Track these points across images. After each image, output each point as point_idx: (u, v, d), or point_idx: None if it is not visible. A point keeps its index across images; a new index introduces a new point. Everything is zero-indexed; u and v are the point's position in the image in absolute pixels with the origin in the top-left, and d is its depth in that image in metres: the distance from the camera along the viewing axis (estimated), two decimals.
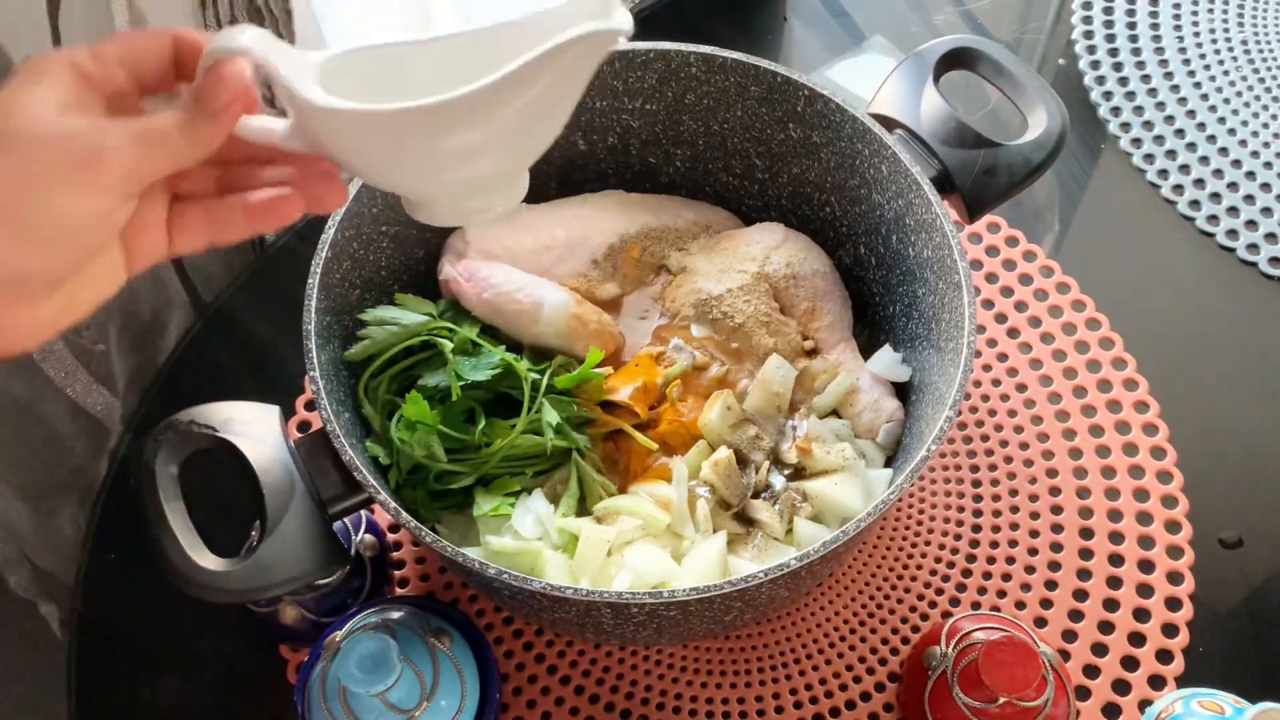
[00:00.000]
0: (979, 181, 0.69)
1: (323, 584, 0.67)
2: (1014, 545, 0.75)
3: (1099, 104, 0.97)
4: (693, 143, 0.78)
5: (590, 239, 0.75)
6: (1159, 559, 0.75)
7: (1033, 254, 0.88)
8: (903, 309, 0.72)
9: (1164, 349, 0.83)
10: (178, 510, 0.57)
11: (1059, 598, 0.73)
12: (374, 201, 0.68)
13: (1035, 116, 0.71)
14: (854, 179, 0.73)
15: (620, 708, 0.70)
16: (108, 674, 0.73)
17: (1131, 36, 1.02)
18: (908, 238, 0.69)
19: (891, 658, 0.72)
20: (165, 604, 0.71)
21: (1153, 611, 0.73)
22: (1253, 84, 0.98)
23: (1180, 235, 0.90)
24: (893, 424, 0.71)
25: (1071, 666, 0.71)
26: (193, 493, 0.58)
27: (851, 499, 0.67)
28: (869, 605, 0.73)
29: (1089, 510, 0.77)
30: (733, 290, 0.72)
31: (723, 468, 0.67)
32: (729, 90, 0.73)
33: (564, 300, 0.70)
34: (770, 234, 0.76)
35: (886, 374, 0.73)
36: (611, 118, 0.76)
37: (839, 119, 0.70)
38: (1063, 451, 0.79)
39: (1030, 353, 0.83)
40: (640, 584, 0.62)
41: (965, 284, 0.62)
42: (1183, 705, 0.64)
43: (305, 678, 0.62)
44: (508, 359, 0.67)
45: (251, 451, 0.58)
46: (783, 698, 0.70)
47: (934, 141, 0.70)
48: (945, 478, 0.78)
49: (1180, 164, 0.94)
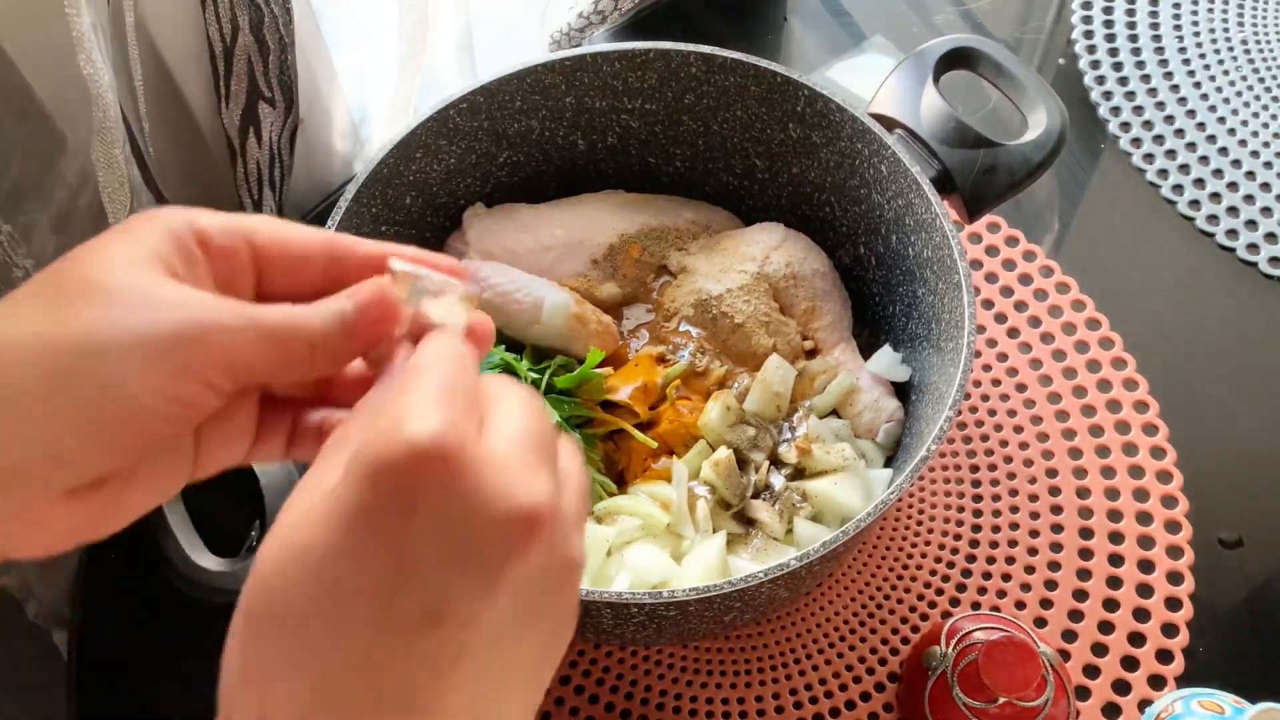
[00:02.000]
0: (979, 181, 0.69)
1: None
2: (1014, 545, 0.75)
3: (1099, 104, 0.97)
4: (692, 143, 0.78)
5: (590, 239, 0.75)
6: (1159, 559, 0.75)
7: (1032, 254, 0.88)
8: (902, 309, 0.72)
9: (1164, 349, 0.83)
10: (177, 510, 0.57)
11: (1059, 598, 0.73)
12: (373, 202, 0.68)
13: (1035, 116, 0.71)
14: (854, 179, 0.73)
15: (620, 708, 0.70)
16: (107, 674, 0.73)
17: (1131, 36, 1.02)
18: (907, 237, 0.69)
19: (891, 658, 0.72)
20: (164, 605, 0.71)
21: (1153, 611, 0.73)
22: (1253, 84, 0.98)
23: (1180, 235, 0.90)
24: (893, 424, 0.71)
25: (1071, 666, 0.71)
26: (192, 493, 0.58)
27: (851, 499, 0.67)
28: (869, 605, 0.73)
29: (1089, 510, 0.77)
30: (732, 290, 0.72)
31: (723, 468, 0.67)
32: (729, 90, 0.73)
33: (564, 300, 0.70)
34: (770, 234, 0.76)
35: (886, 374, 0.73)
36: (611, 118, 0.76)
37: (839, 119, 0.70)
38: (1062, 451, 0.79)
39: (1030, 352, 0.83)
40: (640, 584, 0.62)
41: (965, 284, 0.62)
42: (1183, 705, 0.64)
43: None
44: (508, 359, 0.67)
45: None
46: (783, 698, 0.70)
47: (934, 141, 0.70)
48: (945, 478, 0.78)
49: (1180, 164, 0.94)
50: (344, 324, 0.32)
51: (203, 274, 0.32)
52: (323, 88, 0.88)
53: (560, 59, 0.71)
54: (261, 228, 0.34)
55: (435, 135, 0.70)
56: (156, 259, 0.31)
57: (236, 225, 0.33)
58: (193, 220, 0.32)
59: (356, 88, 0.98)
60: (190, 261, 0.32)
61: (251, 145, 0.80)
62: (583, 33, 0.96)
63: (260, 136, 0.80)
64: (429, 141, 0.70)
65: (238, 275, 0.34)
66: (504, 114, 0.73)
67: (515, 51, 1.10)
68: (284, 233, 0.34)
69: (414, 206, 0.72)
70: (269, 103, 0.79)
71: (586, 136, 0.77)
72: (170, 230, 0.32)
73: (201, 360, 0.30)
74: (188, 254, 0.32)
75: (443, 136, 0.71)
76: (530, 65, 0.71)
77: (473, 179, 0.76)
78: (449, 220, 0.76)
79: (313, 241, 0.34)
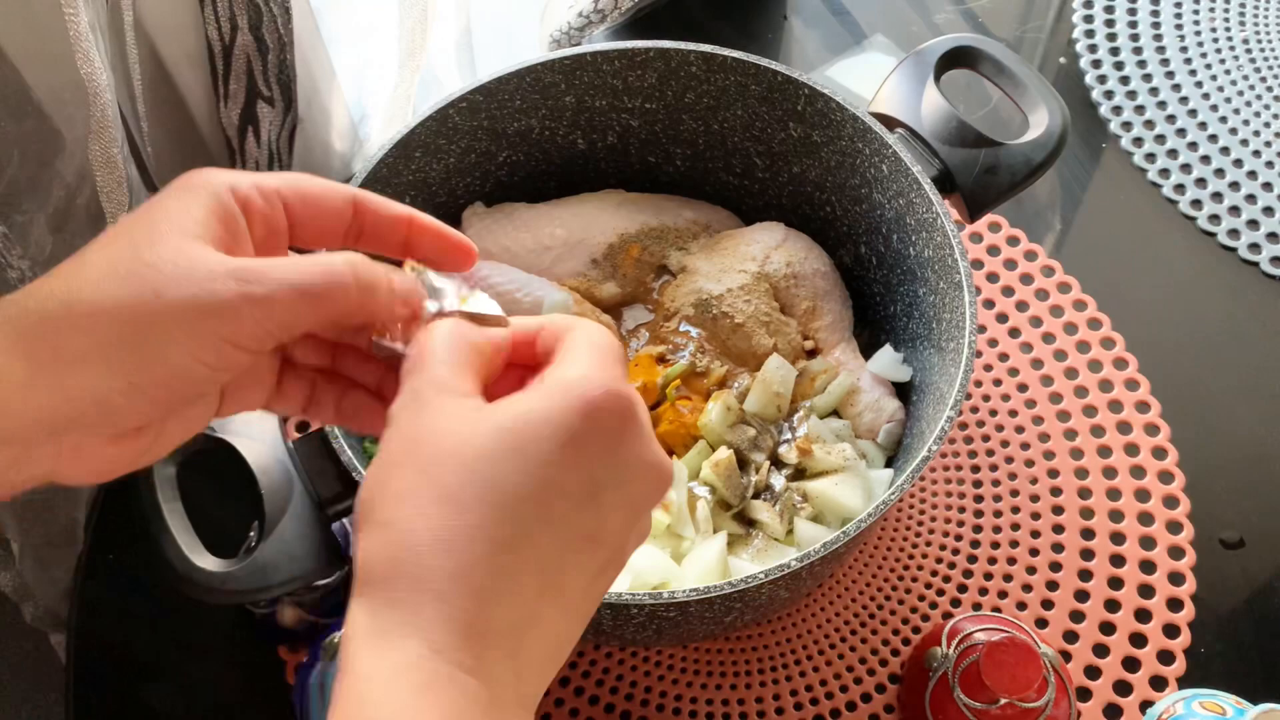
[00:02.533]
0: (980, 181, 0.69)
1: (322, 585, 0.67)
2: (1015, 546, 0.75)
3: (1100, 103, 0.97)
4: (693, 142, 0.78)
5: (590, 238, 0.75)
6: (1160, 559, 0.75)
7: (1034, 253, 0.87)
8: (903, 309, 0.72)
9: (1166, 349, 0.83)
10: (176, 511, 0.57)
11: (1060, 598, 0.73)
12: None
13: (1036, 116, 0.71)
14: (854, 178, 0.72)
15: (620, 709, 0.70)
16: (106, 675, 0.73)
17: (1133, 35, 1.01)
18: (908, 237, 0.69)
19: (892, 659, 0.71)
20: (164, 605, 0.71)
21: (1154, 612, 0.73)
22: (1254, 83, 0.98)
23: (1181, 235, 0.90)
24: (893, 424, 0.71)
25: (1073, 667, 0.71)
26: (191, 493, 0.58)
27: (852, 499, 0.67)
28: (869, 606, 0.73)
29: (1090, 510, 0.76)
30: (733, 290, 0.72)
31: (723, 468, 0.66)
32: (729, 89, 0.73)
33: (564, 300, 0.70)
34: (770, 233, 0.76)
35: (887, 374, 0.73)
36: (611, 117, 0.76)
37: (839, 118, 0.70)
38: (1064, 451, 0.79)
39: (1031, 352, 0.83)
40: (640, 585, 0.62)
41: (966, 283, 0.62)
42: (1184, 706, 0.64)
43: (304, 679, 0.62)
44: None
45: (249, 452, 0.58)
46: (783, 699, 0.70)
47: (935, 140, 0.69)
48: (946, 478, 0.78)
49: (1182, 163, 0.93)
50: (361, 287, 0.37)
51: (243, 236, 0.36)
52: (321, 87, 0.88)
53: (560, 58, 0.71)
54: (298, 185, 0.38)
55: (434, 134, 0.70)
56: (203, 229, 0.35)
57: (275, 187, 0.37)
58: (235, 185, 0.36)
59: (355, 87, 0.97)
60: (233, 227, 0.36)
61: (250, 144, 0.80)
62: (582, 32, 0.95)
63: (259, 136, 0.80)
64: (428, 141, 0.70)
65: (273, 232, 0.38)
66: (503, 113, 0.72)
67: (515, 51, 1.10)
68: (316, 192, 0.38)
69: (413, 205, 0.72)
70: (268, 102, 0.79)
71: (586, 136, 0.77)
72: (216, 197, 0.36)
73: (235, 331, 0.34)
74: (230, 220, 0.36)
75: (442, 136, 0.70)
76: (530, 64, 0.70)
77: (472, 178, 0.75)
78: (448, 219, 0.76)
79: (343, 199, 0.39)
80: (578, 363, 0.35)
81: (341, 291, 0.36)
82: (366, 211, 0.39)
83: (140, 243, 0.34)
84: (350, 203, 0.39)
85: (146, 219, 0.35)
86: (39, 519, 0.73)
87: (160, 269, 0.33)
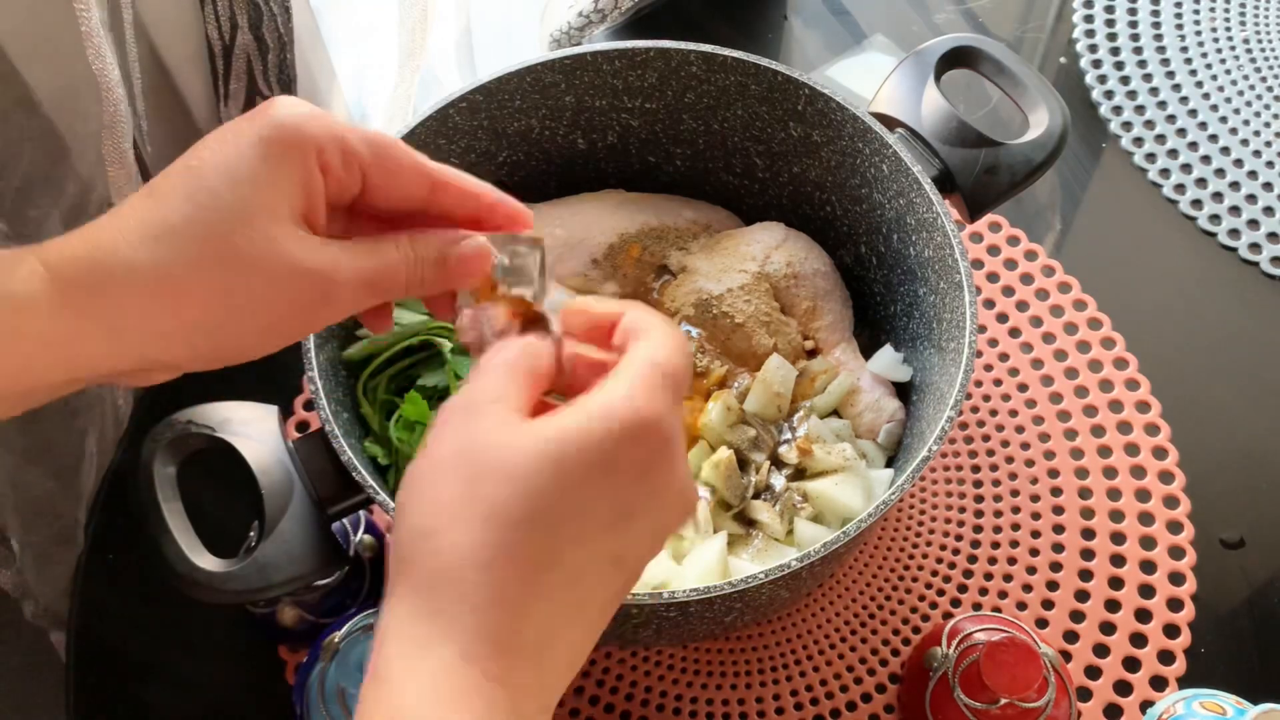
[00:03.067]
0: (980, 181, 0.69)
1: (322, 585, 0.67)
2: (1015, 546, 0.75)
3: (1100, 103, 0.97)
4: (693, 142, 0.78)
5: (590, 238, 0.75)
6: (1161, 559, 0.75)
7: (1034, 253, 0.87)
8: (904, 309, 0.72)
9: (1166, 349, 0.83)
10: (176, 511, 0.57)
11: (1060, 598, 0.73)
12: None
13: (1036, 115, 0.71)
14: (855, 178, 0.72)
15: (620, 709, 0.70)
16: (106, 674, 0.73)
17: (1133, 35, 1.01)
18: (909, 237, 0.69)
19: (892, 659, 0.71)
20: (163, 605, 0.71)
21: (1154, 612, 0.73)
22: (1254, 83, 0.98)
23: (1182, 234, 0.90)
24: (894, 424, 0.71)
25: (1073, 667, 0.71)
26: (191, 493, 0.58)
27: (852, 499, 0.67)
28: (870, 606, 0.73)
29: (1090, 510, 0.76)
30: (733, 290, 0.72)
31: (723, 468, 0.66)
32: (729, 89, 0.73)
33: (564, 300, 0.70)
34: (771, 233, 0.76)
35: (887, 374, 0.73)
36: (611, 117, 0.76)
37: (840, 118, 0.70)
38: (1064, 451, 0.79)
39: (1031, 352, 0.83)
40: (640, 585, 0.62)
41: (966, 283, 0.62)
42: (1184, 706, 0.64)
43: (304, 679, 0.62)
44: None
45: (250, 452, 0.58)
46: (783, 699, 0.70)
47: (935, 140, 0.69)
48: (946, 478, 0.78)
49: (1182, 163, 0.93)
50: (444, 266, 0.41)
51: (318, 199, 0.39)
52: (322, 86, 0.88)
53: (560, 58, 0.71)
54: (384, 158, 0.40)
55: (434, 134, 0.70)
56: (289, 210, 0.37)
57: (360, 157, 0.39)
58: (323, 151, 0.38)
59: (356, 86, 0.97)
60: (313, 196, 0.39)
61: None
62: (582, 31, 0.95)
63: None
64: (428, 140, 0.70)
65: (347, 191, 0.40)
66: (504, 113, 0.72)
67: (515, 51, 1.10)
68: (398, 168, 0.41)
69: None
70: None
71: (586, 135, 0.77)
72: (306, 168, 0.38)
73: (308, 326, 0.39)
74: (314, 192, 0.39)
75: (442, 135, 0.70)
76: (530, 64, 0.70)
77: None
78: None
79: (422, 183, 0.41)
80: (627, 382, 0.36)
81: (394, 282, 0.40)
82: (444, 194, 0.42)
83: (233, 222, 0.36)
84: (429, 186, 0.41)
85: (232, 188, 0.36)
86: (40, 517, 0.73)
87: (255, 265, 0.37)
